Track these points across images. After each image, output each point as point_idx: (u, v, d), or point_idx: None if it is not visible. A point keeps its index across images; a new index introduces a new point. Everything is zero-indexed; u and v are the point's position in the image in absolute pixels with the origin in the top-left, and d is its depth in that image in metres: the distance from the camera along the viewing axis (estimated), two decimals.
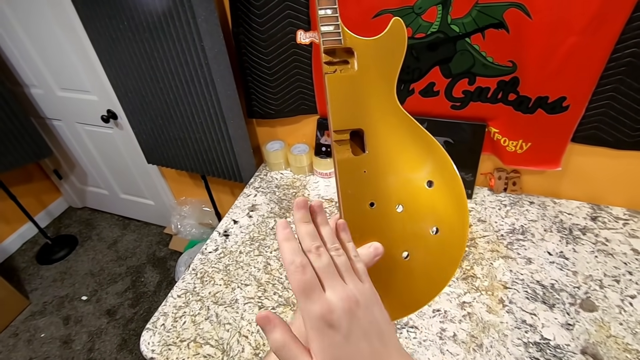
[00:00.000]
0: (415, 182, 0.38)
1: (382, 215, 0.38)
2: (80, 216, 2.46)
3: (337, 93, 0.38)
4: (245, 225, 1.09)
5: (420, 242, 0.38)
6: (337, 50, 0.39)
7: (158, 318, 0.85)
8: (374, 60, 0.38)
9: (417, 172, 0.38)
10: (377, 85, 0.38)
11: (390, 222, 0.38)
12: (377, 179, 0.38)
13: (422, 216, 0.38)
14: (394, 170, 0.38)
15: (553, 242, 0.92)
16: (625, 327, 0.73)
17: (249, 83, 1.15)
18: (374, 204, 0.38)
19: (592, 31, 0.72)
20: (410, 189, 0.38)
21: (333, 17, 0.38)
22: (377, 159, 0.38)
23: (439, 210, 0.38)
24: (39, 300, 1.91)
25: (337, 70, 0.39)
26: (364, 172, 0.38)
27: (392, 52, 0.38)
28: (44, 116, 1.94)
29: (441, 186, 0.37)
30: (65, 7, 1.34)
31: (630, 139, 0.86)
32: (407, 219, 0.38)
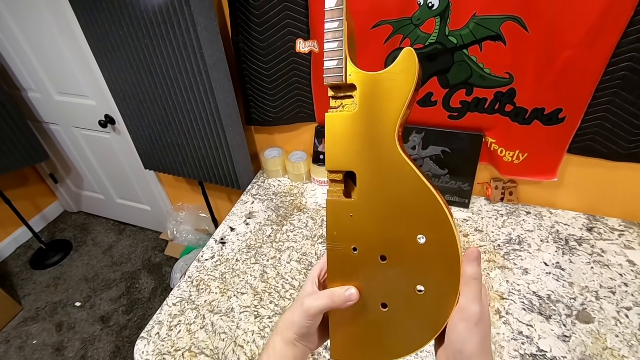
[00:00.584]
0: (404, 235, 0.35)
1: (363, 262, 0.37)
2: (76, 220, 2.44)
3: (333, 132, 0.37)
4: (242, 233, 1.08)
5: (401, 297, 0.36)
6: (341, 85, 0.36)
7: (153, 326, 0.84)
8: (376, 97, 0.35)
9: (408, 224, 0.35)
10: (377, 124, 0.35)
11: (371, 271, 0.37)
12: (363, 225, 0.37)
13: (406, 271, 0.36)
14: (382, 219, 0.36)
15: (549, 253, 0.92)
16: (621, 339, 0.73)
17: (248, 90, 1.16)
18: (356, 249, 0.37)
19: (588, 45, 0.73)
20: (397, 241, 0.36)
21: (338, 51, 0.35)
22: (366, 205, 0.37)
23: (427, 269, 0.35)
24: (32, 305, 1.89)
25: (340, 106, 0.37)
26: (350, 216, 0.37)
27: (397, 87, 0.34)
28: (41, 120, 1.93)
29: (434, 244, 0.34)
30: (64, 12, 1.34)
31: (625, 151, 0.87)
32: (390, 271, 0.36)
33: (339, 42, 0.35)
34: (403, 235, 0.35)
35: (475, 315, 0.32)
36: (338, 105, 0.37)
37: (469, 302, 0.32)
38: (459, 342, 0.32)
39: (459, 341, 0.32)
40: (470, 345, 0.32)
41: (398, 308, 0.37)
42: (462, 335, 0.32)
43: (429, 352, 0.73)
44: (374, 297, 0.37)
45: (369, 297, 0.38)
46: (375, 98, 0.35)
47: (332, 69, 0.36)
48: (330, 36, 0.35)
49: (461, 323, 0.32)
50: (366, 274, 0.37)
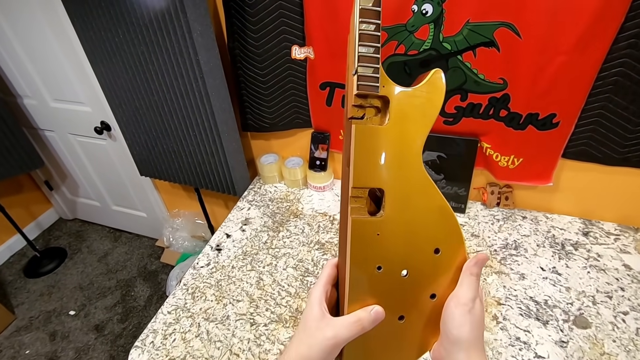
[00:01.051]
0: (425, 249, 0.37)
1: (386, 278, 0.37)
2: (71, 228, 2.42)
3: (362, 145, 0.34)
4: (238, 240, 1.07)
5: (417, 306, 0.38)
6: (370, 95, 0.34)
7: (147, 335, 0.82)
8: (408, 114, 0.34)
9: (428, 238, 0.37)
10: (405, 142, 0.34)
11: (392, 286, 0.37)
12: (389, 243, 0.36)
13: (424, 282, 0.37)
14: (408, 236, 0.36)
15: (546, 258, 0.92)
16: (619, 344, 0.72)
17: (244, 97, 1.16)
18: (381, 268, 0.36)
19: (580, 51, 0.74)
20: (419, 255, 0.37)
21: (374, 58, 0.32)
22: (393, 223, 0.35)
23: (440, 277, 0.37)
24: (25, 315, 1.86)
25: (365, 117, 0.34)
26: (377, 235, 0.36)
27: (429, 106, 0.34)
28: (37, 127, 1.93)
29: (447, 254, 0.37)
30: (60, 19, 1.34)
31: (620, 155, 0.87)
32: (410, 284, 0.37)
33: (375, 48, 0.32)
34: (423, 250, 0.37)
35: (469, 303, 0.35)
36: (361, 115, 0.34)
37: (464, 292, 0.36)
38: (455, 327, 0.35)
39: (455, 326, 0.35)
40: (466, 330, 0.34)
41: (414, 317, 0.38)
42: (457, 320, 0.35)
43: None
44: (393, 312, 0.37)
45: (388, 313, 0.37)
46: (406, 114, 0.34)
47: (367, 77, 0.32)
48: (366, 39, 0.32)
49: (456, 309, 0.35)
50: (388, 291, 0.37)
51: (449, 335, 0.35)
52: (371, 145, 0.34)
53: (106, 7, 1.01)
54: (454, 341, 0.35)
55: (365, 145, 0.34)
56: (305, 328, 0.36)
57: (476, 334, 0.35)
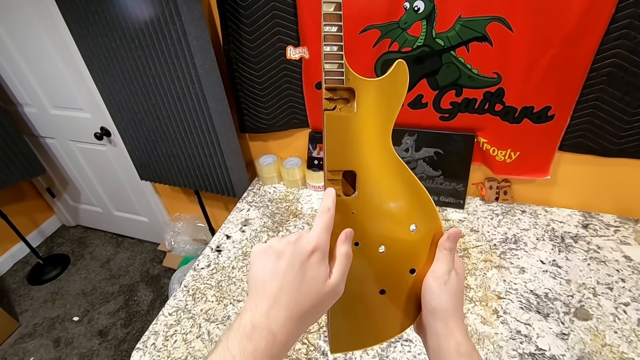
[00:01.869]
0: (400, 226, 0.39)
1: (364, 254, 0.39)
2: (73, 234, 2.43)
3: (334, 133, 0.38)
4: (238, 240, 1.08)
5: (397, 281, 0.40)
6: (338, 88, 0.38)
7: (149, 337, 0.83)
8: (374, 102, 0.37)
9: (403, 216, 0.39)
10: (374, 127, 0.38)
11: (371, 262, 0.40)
12: (364, 221, 0.39)
13: (402, 257, 0.39)
14: (382, 213, 0.39)
15: (546, 251, 0.92)
16: (620, 336, 0.72)
17: (241, 98, 1.16)
18: (358, 244, 0.39)
19: (572, 43, 0.74)
20: (395, 231, 0.39)
21: (338, 55, 0.36)
22: (367, 201, 0.39)
23: (418, 253, 0.39)
24: (29, 322, 1.86)
25: (336, 108, 0.38)
26: (352, 213, 0.39)
27: (393, 94, 0.38)
28: (37, 134, 1.94)
29: (424, 230, 0.39)
30: (58, 27, 1.36)
31: (616, 147, 0.87)
32: (388, 260, 0.39)
33: (338, 46, 0.36)
34: (399, 227, 0.39)
35: (444, 276, 0.37)
36: (333, 107, 0.38)
37: (439, 266, 0.38)
38: (433, 299, 0.37)
39: (433, 297, 0.37)
40: (443, 300, 0.37)
41: (394, 292, 0.40)
42: (435, 292, 0.37)
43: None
44: (374, 285, 0.40)
45: (369, 286, 0.40)
46: (372, 102, 0.38)
47: (333, 72, 0.37)
48: (330, 40, 0.36)
49: (433, 283, 0.38)
50: (367, 265, 0.40)
51: (428, 306, 0.38)
52: (341, 132, 0.38)
53: (102, 13, 1.02)
54: (432, 312, 0.37)
55: (336, 132, 0.38)
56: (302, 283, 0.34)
57: (453, 304, 0.37)
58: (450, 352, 0.36)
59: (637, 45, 0.72)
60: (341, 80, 0.37)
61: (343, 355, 0.73)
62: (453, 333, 0.36)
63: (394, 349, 0.74)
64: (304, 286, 0.31)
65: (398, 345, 0.74)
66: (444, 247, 0.38)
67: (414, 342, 0.75)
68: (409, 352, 0.73)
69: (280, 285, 0.30)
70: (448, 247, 0.38)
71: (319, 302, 0.32)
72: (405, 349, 0.73)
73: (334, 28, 0.36)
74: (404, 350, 0.73)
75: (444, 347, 0.36)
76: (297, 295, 0.31)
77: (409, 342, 0.75)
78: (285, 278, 0.31)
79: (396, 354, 0.73)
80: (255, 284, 0.32)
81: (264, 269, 0.32)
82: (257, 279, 0.32)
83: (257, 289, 0.31)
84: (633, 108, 0.80)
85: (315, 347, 0.76)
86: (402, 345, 0.74)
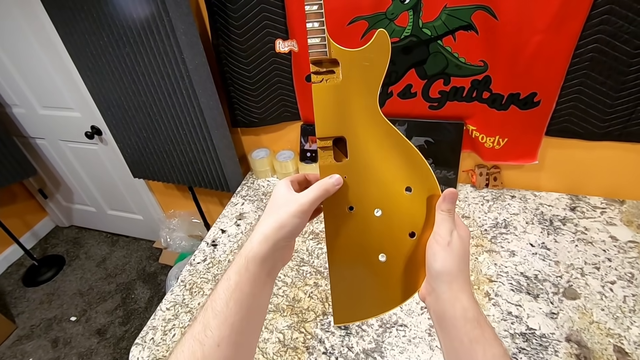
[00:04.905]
0: (394, 188, 0.39)
1: (360, 218, 0.40)
2: (67, 235, 2.41)
3: (321, 102, 0.40)
4: (234, 234, 1.09)
5: (396, 245, 0.40)
6: (323, 60, 0.40)
7: (147, 332, 0.84)
8: (358, 71, 0.39)
9: (396, 178, 0.39)
10: (360, 94, 0.39)
11: (368, 226, 0.40)
12: (356, 184, 0.39)
13: (399, 220, 0.39)
14: (374, 176, 0.40)
15: (535, 234, 0.94)
16: (607, 313, 0.75)
17: (232, 93, 1.16)
18: (352, 208, 0.40)
19: (555, 29, 0.75)
20: (389, 194, 0.39)
21: (320, 30, 0.39)
22: (358, 165, 0.39)
23: (416, 215, 0.39)
24: (26, 323, 1.86)
25: (323, 80, 0.40)
26: (344, 178, 0.39)
27: (376, 62, 0.39)
28: (27, 135, 1.92)
29: (419, 192, 0.39)
30: (44, 25, 1.34)
31: (600, 130, 0.89)
32: (385, 223, 0.40)
33: (320, 22, 0.39)
34: (393, 189, 0.39)
35: (446, 237, 0.36)
36: (320, 80, 0.40)
37: (439, 228, 0.37)
38: (436, 261, 0.36)
39: (436, 260, 0.36)
40: (447, 263, 0.36)
41: (395, 257, 0.40)
42: (439, 254, 0.36)
43: (407, 348, 0.74)
44: (373, 250, 0.40)
45: (368, 251, 0.40)
46: (357, 71, 0.39)
47: (316, 45, 0.39)
48: (312, 17, 0.39)
49: (436, 245, 0.37)
50: (364, 229, 0.40)
51: (432, 270, 0.37)
52: (328, 100, 0.40)
53: (88, 10, 1.01)
54: (436, 275, 0.36)
55: (323, 101, 0.40)
56: (272, 205, 0.38)
57: (458, 267, 0.36)
58: (455, 317, 0.34)
59: (617, 30, 0.73)
60: (324, 52, 0.39)
61: (340, 341, 0.75)
62: (458, 297, 0.35)
63: (389, 334, 0.76)
64: (270, 205, 0.38)
65: (394, 330, 0.76)
66: (441, 209, 0.38)
67: (409, 327, 0.76)
68: (404, 336, 0.75)
69: (260, 216, 0.36)
70: (446, 208, 0.38)
71: (279, 208, 0.37)
72: (400, 334, 0.75)
73: (315, 7, 0.39)
74: (399, 335, 0.75)
75: (449, 313, 0.35)
76: (264, 215, 0.37)
77: (404, 327, 0.76)
78: (265, 210, 0.38)
79: (392, 338, 0.75)
80: None
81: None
82: None
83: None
84: (616, 92, 0.82)
85: (313, 336, 0.77)
86: (397, 330, 0.76)
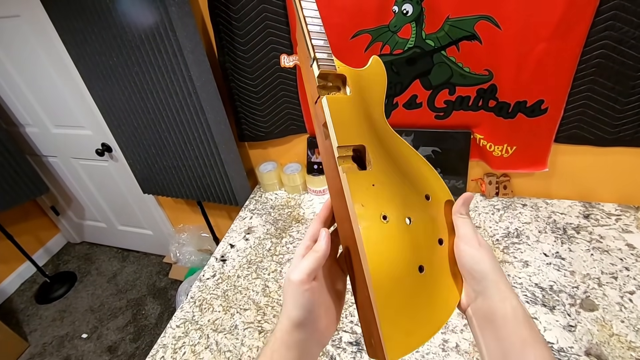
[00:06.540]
0: (416, 195, 0.39)
1: (395, 228, 0.37)
2: (79, 251, 2.44)
3: (338, 111, 0.39)
4: (242, 249, 1.09)
5: (430, 254, 0.38)
6: (329, 76, 0.40)
7: (157, 350, 0.83)
8: (362, 88, 0.41)
9: (415, 186, 0.39)
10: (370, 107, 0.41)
11: (403, 235, 0.37)
12: (384, 192, 0.37)
13: (428, 227, 0.38)
14: (397, 185, 0.39)
15: (548, 243, 0.92)
16: (627, 325, 0.72)
17: (238, 108, 1.18)
18: (386, 217, 0.37)
19: (560, 37, 0.75)
20: (414, 201, 0.39)
21: (325, 47, 0.40)
22: (382, 173, 0.38)
23: (438, 222, 0.39)
24: (39, 341, 1.87)
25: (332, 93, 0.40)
26: (373, 186, 0.37)
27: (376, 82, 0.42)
28: (40, 154, 1.96)
29: (436, 199, 0.39)
30: (57, 48, 1.38)
31: (611, 136, 0.88)
32: (417, 231, 0.37)
33: (324, 41, 0.41)
34: (415, 197, 0.39)
35: (475, 238, 0.36)
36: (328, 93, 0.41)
37: (464, 231, 0.36)
38: (477, 263, 0.35)
39: (476, 262, 0.35)
40: (487, 263, 0.34)
41: (432, 267, 0.37)
42: (475, 255, 0.35)
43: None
44: (412, 263, 0.37)
45: (409, 265, 0.37)
46: (361, 87, 0.41)
47: (325, 59, 0.40)
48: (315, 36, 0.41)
49: (469, 248, 0.36)
50: (401, 240, 0.37)
51: (474, 273, 0.35)
52: (343, 110, 0.40)
53: (99, 32, 1.05)
54: (481, 278, 0.34)
55: (339, 110, 0.39)
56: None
57: (497, 265, 0.35)
58: (506, 317, 0.33)
59: (623, 35, 0.73)
60: (333, 67, 0.40)
61: (352, 357, 0.74)
62: (507, 296, 0.33)
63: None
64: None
65: None
66: (460, 212, 0.37)
67: None
68: (417, 351, 0.73)
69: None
70: (465, 211, 0.37)
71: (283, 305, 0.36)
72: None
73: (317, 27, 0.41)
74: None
75: (500, 312, 0.33)
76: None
77: None
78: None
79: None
80: None
81: None
82: None
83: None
84: (625, 97, 0.81)
85: (324, 352, 0.76)
86: None
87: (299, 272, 0.34)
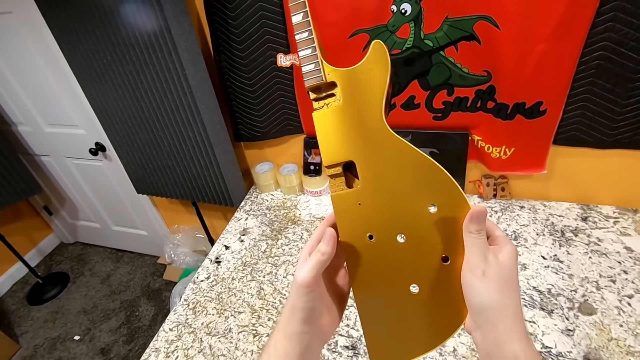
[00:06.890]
0: (416, 208, 0.35)
1: (383, 247, 0.36)
2: (72, 252, 2.41)
3: (323, 128, 0.38)
4: (237, 250, 1.07)
5: (428, 273, 0.35)
6: (321, 86, 0.39)
7: (149, 355, 0.81)
8: (358, 88, 0.38)
9: (416, 196, 0.35)
10: (364, 112, 0.37)
11: (392, 254, 0.36)
12: (373, 210, 0.36)
13: (427, 244, 0.35)
14: (391, 199, 0.36)
15: (546, 246, 0.92)
16: (626, 329, 0.71)
17: (234, 107, 1.16)
18: (372, 237, 0.36)
19: (559, 38, 0.74)
20: (411, 216, 0.35)
21: (312, 56, 0.38)
22: (371, 190, 0.36)
23: (446, 235, 0.34)
24: (30, 343, 1.84)
25: (324, 106, 0.39)
26: (359, 205, 0.37)
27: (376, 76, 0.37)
28: (33, 153, 1.94)
29: (445, 208, 0.34)
30: (49, 45, 1.36)
31: (610, 138, 0.87)
32: (411, 249, 0.36)
33: (311, 49, 0.39)
34: (414, 210, 0.35)
35: (480, 265, 0.31)
36: (322, 106, 0.39)
37: (472, 254, 0.32)
38: (474, 296, 0.31)
39: (474, 294, 0.31)
40: (486, 297, 0.30)
41: (429, 285, 0.35)
42: (475, 287, 0.31)
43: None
44: (402, 282, 0.36)
45: (397, 283, 0.36)
46: (356, 89, 0.38)
47: (311, 72, 0.38)
48: (303, 45, 0.39)
49: (470, 276, 0.31)
50: (389, 259, 0.36)
51: (472, 306, 0.32)
52: (331, 125, 0.38)
53: (92, 30, 1.03)
54: (478, 312, 0.31)
55: (326, 127, 0.38)
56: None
57: (501, 300, 0.30)
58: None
59: (623, 37, 0.72)
60: (320, 77, 0.38)
61: None
62: (505, 340, 0.29)
63: None
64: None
65: None
66: (469, 230, 0.32)
67: None
68: None
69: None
70: (474, 229, 0.32)
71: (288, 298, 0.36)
72: None
73: (305, 34, 0.39)
74: None
75: (496, 357, 0.30)
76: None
77: None
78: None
79: None
80: None
81: None
82: None
83: None
84: (624, 99, 0.80)
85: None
86: None
87: (304, 273, 0.34)
